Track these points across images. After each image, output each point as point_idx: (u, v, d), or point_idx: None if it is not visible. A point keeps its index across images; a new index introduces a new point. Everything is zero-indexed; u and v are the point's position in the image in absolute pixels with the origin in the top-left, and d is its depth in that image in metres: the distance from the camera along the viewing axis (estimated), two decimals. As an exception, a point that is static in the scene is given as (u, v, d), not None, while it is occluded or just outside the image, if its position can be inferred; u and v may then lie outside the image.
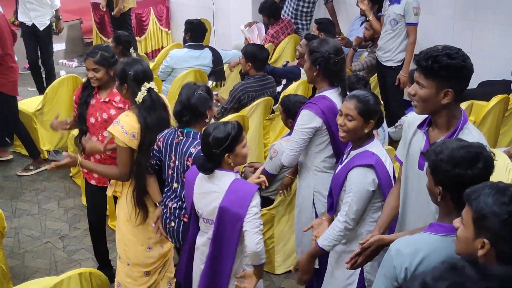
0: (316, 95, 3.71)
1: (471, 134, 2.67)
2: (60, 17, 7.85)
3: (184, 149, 3.44)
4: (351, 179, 3.09)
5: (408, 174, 2.87)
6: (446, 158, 2.25)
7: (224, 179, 3.11)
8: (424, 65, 2.58)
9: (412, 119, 2.90)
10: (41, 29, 7.50)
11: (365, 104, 3.09)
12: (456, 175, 2.22)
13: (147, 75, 3.62)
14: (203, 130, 3.22)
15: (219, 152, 3.04)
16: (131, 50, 4.71)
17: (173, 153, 3.52)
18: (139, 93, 3.56)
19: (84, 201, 5.57)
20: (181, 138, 3.48)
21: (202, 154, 3.14)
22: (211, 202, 3.13)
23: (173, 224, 3.61)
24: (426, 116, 2.77)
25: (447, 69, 2.57)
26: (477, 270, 1.22)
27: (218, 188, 3.11)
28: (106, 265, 4.50)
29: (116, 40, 5.70)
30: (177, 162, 3.50)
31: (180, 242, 3.63)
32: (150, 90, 3.59)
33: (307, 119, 3.58)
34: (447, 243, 2.23)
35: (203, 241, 3.27)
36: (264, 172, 4.11)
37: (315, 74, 3.61)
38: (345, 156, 3.27)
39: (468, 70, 2.63)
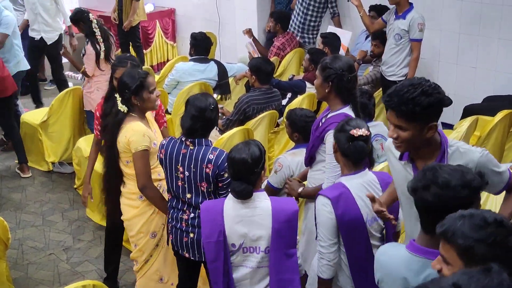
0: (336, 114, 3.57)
1: (459, 150, 2.66)
2: (74, 34, 7.87)
3: (200, 157, 3.42)
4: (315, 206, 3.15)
5: (401, 200, 2.87)
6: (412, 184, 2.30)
7: (262, 199, 3.05)
8: (405, 110, 2.50)
9: (389, 146, 2.85)
10: (48, 43, 7.63)
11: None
12: (419, 198, 2.27)
13: (119, 87, 3.86)
14: (230, 155, 3.10)
15: (258, 170, 3.03)
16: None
17: (179, 164, 3.48)
18: None
19: (88, 213, 5.58)
20: (191, 147, 3.45)
21: (235, 181, 3.04)
22: (256, 228, 3.03)
23: (191, 235, 3.54)
24: None
25: (429, 108, 2.51)
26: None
27: (261, 210, 3.03)
28: (112, 278, 4.49)
29: (75, 18, 6.08)
30: (186, 172, 3.46)
31: (202, 253, 3.53)
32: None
33: None
34: (411, 261, 2.31)
35: (243, 274, 3.12)
36: (269, 185, 4.10)
37: (327, 90, 3.54)
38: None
39: (445, 99, 2.59)
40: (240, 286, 3.14)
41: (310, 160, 3.70)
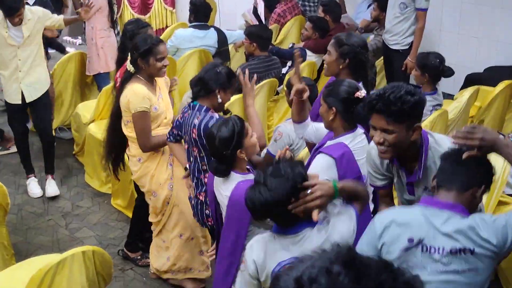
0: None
1: (439, 148, 2.66)
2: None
3: (190, 121, 3.48)
4: (313, 163, 2.98)
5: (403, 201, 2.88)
6: None
7: (232, 183, 2.98)
8: (395, 109, 2.48)
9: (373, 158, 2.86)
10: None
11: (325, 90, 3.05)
12: None
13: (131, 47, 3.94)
14: (207, 133, 3.13)
15: (230, 152, 2.96)
16: None
17: (184, 128, 3.56)
18: None
19: (87, 179, 5.58)
20: (189, 111, 3.53)
21: (213, 158, 3.08)
22: (222, 204, 3.07)
23: (192, 202, 3.66)
24: None
25: (415, 107, 2.52)
26: (351, 278, 1.13)
27: (228, 192, 2.98)
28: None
29: None
30: (186, 137, 3.54)
31: (200, 221, 3.65)
32: None
33: None
34: (419, 212, 2.34)
35: None
36: (268, 153, 4.09)
37: (341, 67, 3.48)
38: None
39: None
40: None
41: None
